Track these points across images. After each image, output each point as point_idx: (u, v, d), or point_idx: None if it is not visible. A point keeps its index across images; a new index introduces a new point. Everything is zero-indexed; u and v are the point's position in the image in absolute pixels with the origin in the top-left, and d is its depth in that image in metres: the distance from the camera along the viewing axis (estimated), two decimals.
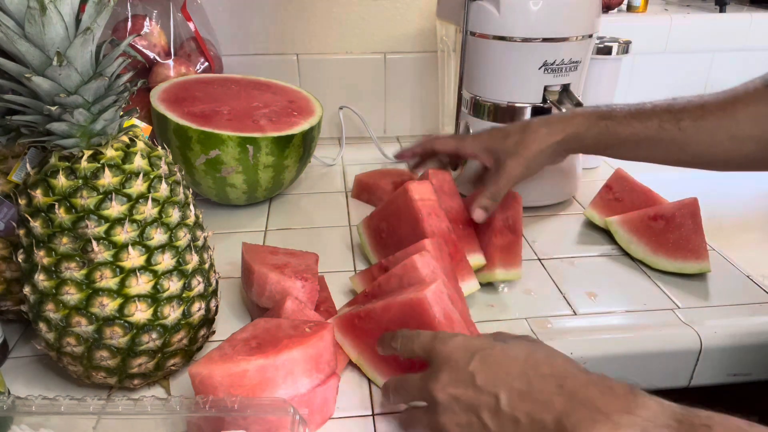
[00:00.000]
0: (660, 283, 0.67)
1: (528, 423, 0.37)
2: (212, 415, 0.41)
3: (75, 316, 0.46)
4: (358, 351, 0.54)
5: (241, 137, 0.75)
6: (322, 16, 1.06)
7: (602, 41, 0.92)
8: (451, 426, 0.40)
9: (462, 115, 0.87)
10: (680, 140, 0.58)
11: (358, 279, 0.65)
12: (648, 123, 0.59)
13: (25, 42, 0.41)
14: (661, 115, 0.59)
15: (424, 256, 0.55)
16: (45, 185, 0.45)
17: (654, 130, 0.59)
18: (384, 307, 0.52)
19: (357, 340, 0.54)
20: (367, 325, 0.53)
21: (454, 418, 0.40)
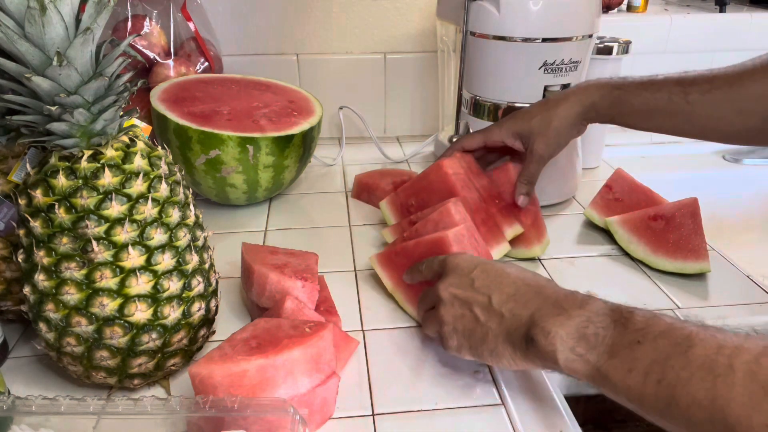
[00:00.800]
0: (660, 283, 0.67)
1: (510, 317, 0.46)
2: (212, 415, 0.41)
3: (75, 316, 0.46)
4: (393, 283, 0.64)
5: (241, 137, 0.75)
6: (322, 16, 1.06)
7: (602, 41, 0.92)
8: (448, 317, 0.50)
9: (462, 115, 0.87)
10: (688, 112, 0.60)
11: (389, 231, 0.74)
12: (657, 94, 0.61)
13: (25, 42, 0.41)
14: (671, 88, 0.61)
15: (457, 204, 0.64)
16: (45, 185, 0.45)
17: (663, 102, 0.61)
18: (415, 244, 0.62)
19: (393, 273, 0.65)
20: (401, 260, 0.64)
21: (452, 310, 0.50)
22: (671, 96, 0.61)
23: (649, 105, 0.62)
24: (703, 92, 0.59)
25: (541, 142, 0.68)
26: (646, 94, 0.62)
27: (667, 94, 0.61)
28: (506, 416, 0.49)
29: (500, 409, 0.50)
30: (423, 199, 0.72)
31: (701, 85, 0.60)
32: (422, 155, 1.07)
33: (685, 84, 0.61)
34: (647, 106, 0.62)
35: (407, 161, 1.04)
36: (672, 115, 0.62)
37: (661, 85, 0.62)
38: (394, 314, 0.63)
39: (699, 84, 0.60)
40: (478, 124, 0.84)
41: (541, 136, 0.68)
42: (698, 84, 0.60)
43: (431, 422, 0.49)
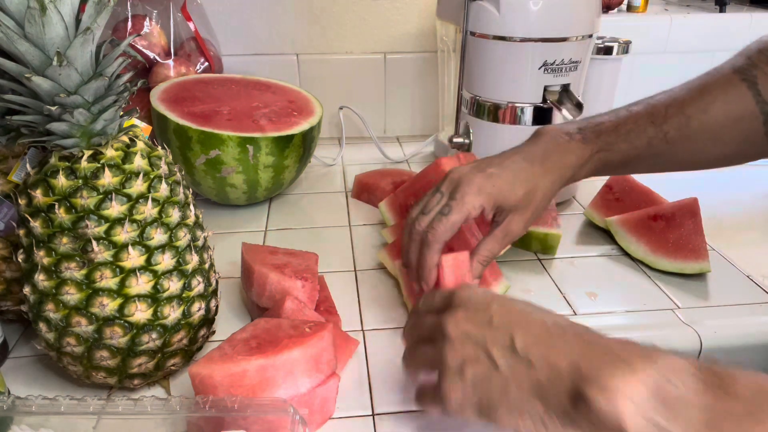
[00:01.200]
0: (660, 283, 0.67)
1: (541, 366, 0.36)
2: (212, 415, 0.41)
3: (75, 316, 0.46)
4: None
5: (241, 137, 0.75)
6: (322, 16, 1.06)
7: (602, 41, 0.92)
8: (453, 360, 0.39)
9: (462, 115, 0.87)
10: (667, 152, 0.58)
11: (389, 231, 0.72)
12: (636, 142, 0.57)
13: (25, 42, 0.41)
14: (647, 129, 0.57)
15: None
16: (45, 185, 0.45)
17: (643, 149, 0.58)
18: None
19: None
20: None
21: (461, 351, 0.39)
22: (650, 140, 0.57)
23: (629, 156, 0.58)
24: (680, 127, 0.57)
25: (520, 221, 0.56)
26: (624, 147, 0.58)
27: (645, 140, 0.57)
28: None
29: None
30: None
31: (676, 118, 0.57)
32: (422, 155, 1.07)
33: (659, 121, 0.57)
34: (627, 157, 0.58)
35: (407, 161, 1.04)
36: (651, 158, 0.59)
37: (636, 128, 0.58)
38: (394, 314, 0.63)
39: (673, 118, 0.57)
40: (478, 124, 0.84)
41: (520, 215, 0.56)
42: (672, 118, 0.57)
43: (431, 422, 0.49)
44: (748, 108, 0.56)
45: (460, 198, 0.53)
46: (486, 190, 0.54)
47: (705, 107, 0.56)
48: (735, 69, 0.57)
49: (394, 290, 0.67)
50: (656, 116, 0.58)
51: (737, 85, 0.56)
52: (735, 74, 0.56)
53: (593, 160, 0.58)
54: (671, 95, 0.59)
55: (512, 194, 0.55)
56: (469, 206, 0.53)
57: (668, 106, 0.58)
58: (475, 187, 0.54)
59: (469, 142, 0.86)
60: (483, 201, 0.54)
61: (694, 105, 0.57)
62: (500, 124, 0.82)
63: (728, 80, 0.56)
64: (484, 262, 0.56)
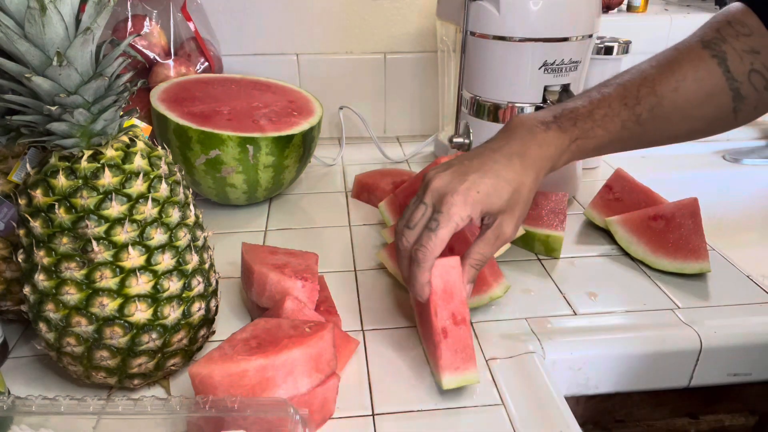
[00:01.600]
0: (660, 283, 0.67)
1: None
2: (212, 415, 0.41)
3: (75, 316, 0.46)
4: None
5: (241, 137, 0.75)
6: (322, 16, 1.06)
7: (602, 41, 0.92)
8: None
9: (462, 115, 0.87)
10: (639, 134, 0.58)
11: (389, 231, 0.72)
12: (610, 126, 0.57)
13: (25, 42, 0.41)
14: (620, 112, 0.57)
15: None
16: (45, 185, 0.45)
17: (617, 132, 0.57)
18: None
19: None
20: None
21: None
22: (624, 123, 0.57)
23: (603, 141, 0.58)
24: (652, 108, 0.57)
25: (510, 222, 0.54)
26: (599, 132, 0.57)
27: (619, 123, 0.57)
28: (506, 416, 0.49)
29: (500, 409, 0.50)
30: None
31: (648, 99, 0.56)
32: (422, 155, 1.07)
33: (632, 103, 0.57)
34: (602, 142, 0.58)
35: (407, 161, 1.04)
36: (625, 141, 0.59)
37: (610, 112, 0.57)
38: (394, 314, 0.63)
39: (645, 99, 0.57)
40: (478, 124, 0.84)
41: (509, 216, 0.54)
42: (644, 99, 0.57)
43: (431, 422, 0.49)
44: (718, 84, 0.56)
45: (446, 211, 0.51)
46: (471, 200, 0.52)
47: (676, 85, 0.56)
48: (704, 43, 0.56)
49: (394, 290, 0.67)
50: (629, 98, 0.57)
51: (707, 61, 0.56)
52: (704, 50, 0.56)
53: (571, 148, 0.58)
54: (641, 74, 0.58)
55: (498, 199, 0.53)
56: (456, 219, 0.51)
57: (640, 86, 0.57)
58: (460, 198, 0.52)
59: (469, 142, 0.86)
60: (470, 211, 0.52)
61: (665, 83, 0.56)
62: (500, 124, 0.82)
63: (698, 56, 0.56)
64: (477, 265, 0.54)
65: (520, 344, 0.57)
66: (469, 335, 0.51)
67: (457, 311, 0.51)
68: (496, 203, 0.53)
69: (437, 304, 0.51)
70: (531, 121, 0.57)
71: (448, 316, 0.51)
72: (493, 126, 0.83)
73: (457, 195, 0.52)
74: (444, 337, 0.51)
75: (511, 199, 0.54)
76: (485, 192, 0.52)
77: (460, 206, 0.51)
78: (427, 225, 0.52)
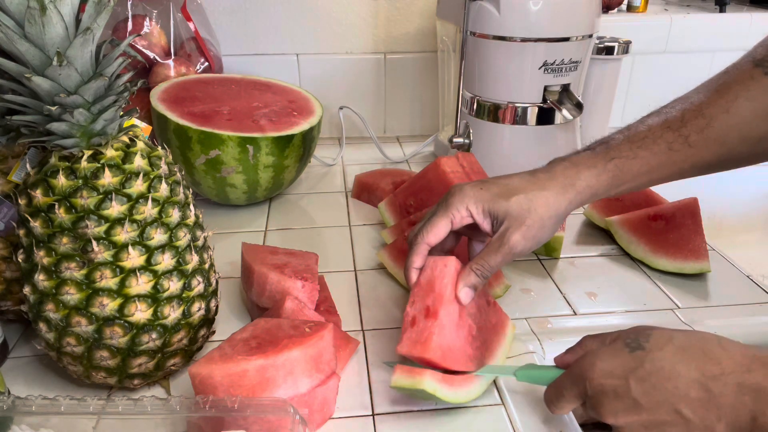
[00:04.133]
0: (660, 283, 0.67)
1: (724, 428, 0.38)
2: (212, 415, 0.41)
3: (75, 316, 0.46)
4: None
5: (241, 137, 0.75)
6: (322, 16, 1.06)
7: (602, 41, 0.92)
8: None
9: (462, 115, 0.87)
10: (692, 156, 0.54)
11: (389, 232, 0.73)
12: (655, 148, 0.53)
13: (25, 42, 0.41)
14: (665, 135, 0.53)
15: None
16: (45, 185, 0.45)
17: (664, 154, 0.53)
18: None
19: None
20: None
21: None
22: (670, 145, 0.53)
23: (651, 164, 0.53)
24: (701, 129, 0.53)
25: (518, 231, 0.52)
26: (642, 153, 0.53)
27: (665, 145, 0.53)
28: (506, 416, 0.49)
29: (500, 409, 0.50)
30: (422, 199, 0.72)
31: (695, 121, 0.53)
32: (422, 155, 1.07)
33: (676, 126, 0.54)
34: (649, 165, 0.53)
35: (407, 161, 1.04)
36: (676, 165, 0.54)
37: (651, 135, 0.54)
38: (394, 314, 0.63)
39: (692, 121, 0.53)
40: (479, 124, 0.84)
41: (519, 224, 0.52)
42: (691, 121, 0.53)
43: (431, 422, 0.49)
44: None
45: (446, 201, 0.54)
46: (474, 196, 0.53)
47: (726, 106, 0.52)
48: (756, 62, 0.53)
49: (394, 290, 0.67)
50: (672, 122, 0.54)
51: (759, 79, 0.52)
52: (756, 68, 0.53)
53: (608, 168, 0.54)
54: (685, 101, 0.55)
55: (503, 199, 0.52)
56: (452, 209, 0.53)
57: (684, 111, 0.54)
58: (462, 192, 0.53)
59: (469, 142, 0.86)
60: (468, 203, 0.52)
61: (714, 105, 0.53)
62: (500, 124, 0.82)
63: (749, 75, 0.53)
64: (478, 270, 0.52)
65: (520, 344, 0.57)
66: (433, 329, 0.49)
67: (432, 306, 0.50)
68: (502, 204, 0.52)
69: (415, 293, 0.52)
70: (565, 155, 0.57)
71: (422, 308, 0.51)
72: (493, 126, 0.83)
73: (463, 190, 0.53)
74: (411, 325, 0.50)
75: (521, 206, 0.52)
76: (492, 192, 0.53)
77: (460, 198, 0.53)
78: (429, 216, 0.55)
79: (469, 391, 0.49)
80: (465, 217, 0.53)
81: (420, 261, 0.53)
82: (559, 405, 0.45)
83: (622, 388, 0.40)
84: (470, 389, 0.49)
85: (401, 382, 0.47)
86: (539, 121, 0.81)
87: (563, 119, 0.81)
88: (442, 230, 0.53)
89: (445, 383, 0.47)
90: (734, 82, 0.53)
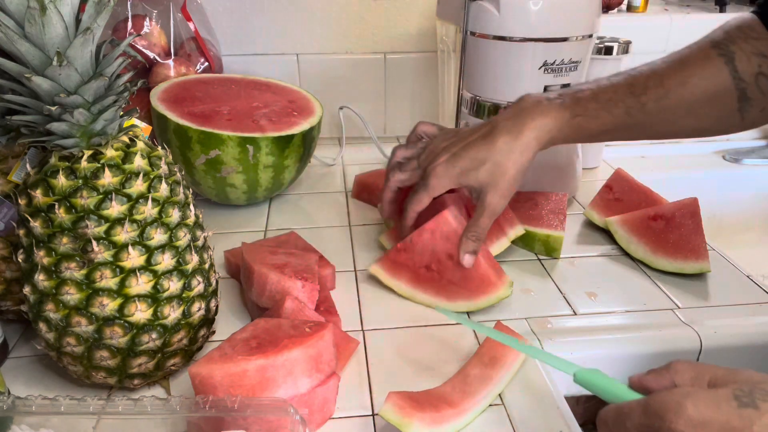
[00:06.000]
0: (660, 283, 0.67)
1: None
2: (212, 415, 0.41)
3: (75, 316, 0.46)
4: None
5: (241, 137, 0.75)
6: (322, 16, 1.06)
7: (602, 41, 0.92)
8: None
9: (462, 115, 0.87)
10: (644, 122, 0.59)
11: (386, 236, 0.73)
12: (615, 110, 0.59)
13: (25, 42, 0.41)
14: (626, 99, 0.58)
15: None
16: (45, 185, 0.45)
17: (621, 117, 0.59)
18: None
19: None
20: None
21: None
22: (628, 110, 0.58)
23: (606, 125, 0.59)
24: (658, 99, 0.57)
25: (495, 194, 0.60)
26: (603, 114, 0.59)
27: (623, 108, 0.58)
28: (506, 416, 0.49)
29: (500, 409, 0.50)
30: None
31: (655, 90, 0.58)
32: None
33: (638, 92, 0.58)
34: (605, 126, 0.59)
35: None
36: (629, 128, 0.60)
37: (615, 97, 0.59)
38: (394, 314, 0.63)
39: (652, 89, 0.58)
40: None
41: (494, 189, 0.60)
42: (651, 89, 0.58)
43: None
44: (724, 83, 0.56)
45: (428, 182, 0.62)
46: (449, 174, 0.61)
47: (683, 80, 0.57)
48: (713, 43, 0.58)
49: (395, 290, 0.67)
50: (636, 87, 0.59)
51: (715, 59, 0.57)
52: (713, 49, 0.57)
53: (571, 124, 0.60)
54: (652, 68, 0.60)
55: (474, 173, 0.60)
56: (435, 189, 0.62)
57: (648, 78, 0.59)
58: (440, 170, 0.61)
59: None
60: (446, 183, 0.62)
61: (674, 77, 0.58)
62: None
63: (706, 55, 0.57)
64: (473, 237, 0.60)
65: None
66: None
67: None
68: (474, 177, 0.60)
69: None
70: (537, 95, 0.62)
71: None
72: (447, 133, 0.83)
73: (438, 167, 0.62)
74: None
75: (491, 173, 0.60)
76: (462, 167, 0.61)
77: (438, 179, 0.62)
78: (415, 189, 0.64)
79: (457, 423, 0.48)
80: (445, 191, 0.63)
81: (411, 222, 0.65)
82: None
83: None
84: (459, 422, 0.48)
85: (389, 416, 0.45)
86: None
87: None
88: (426, 203, 0.64)
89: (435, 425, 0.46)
90: (693, 58, 0.58)
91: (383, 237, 0.74)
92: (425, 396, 0.49)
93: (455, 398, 0.49)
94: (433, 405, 0.48)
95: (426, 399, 0.48)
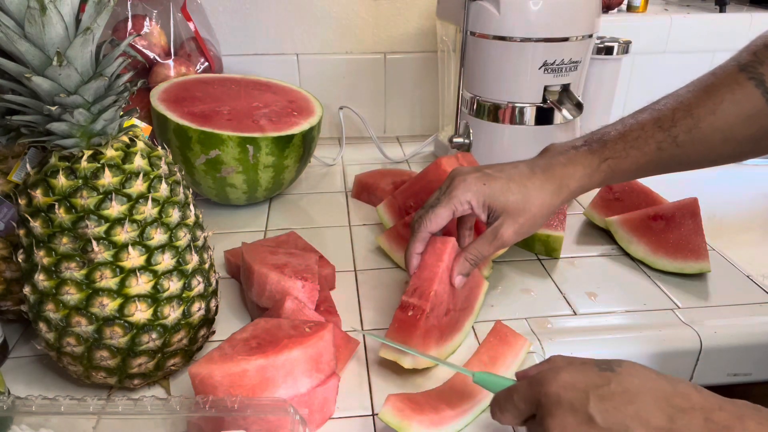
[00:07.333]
0: (660, 283, 0.67)
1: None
2: (212, 415, 0.41)
3: (75, 316, 0.46)
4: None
5: (241, 137, 0.75)
6: (322, 16, 1.06)
7: (602, 41, 0.92)
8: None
9: (462, 115, 0.87)
10: (679, 155, 0.57)
11: (384, 238, 0.72)
12: (645, 149, 0.57)
13: (25, 42, 0.41)
14: (655, 134, 0.57)
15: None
16: (45, 185, 0.45)
17: (653, 154, 0.57)
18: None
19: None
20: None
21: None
22: (659, 144, 0.56)
23: (639, 163, 0.57)
24: (689, 130, 0.56)
25: (511, 227, 0.56)
26: (633, 152, 0.57)
27: (654, 144, 0.56)
28: None
29: None
30: (422, 200, 0.72)
31: (684, 121, 0.56)
32: (422, 155, 1.07)
33: (666, 126, 0.56)
34: (638, 164, 0.57)
35: (407, 161, 1.04)
36: (664, 162, 0.58)
37: (644, 134, 0.57)
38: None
39: (681, 121, 0.56)
40: (478, 124, 0.84)
41: (513, 221, 0.56)
42: (680, 121, 0.56)
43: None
44: (756, 106, 0.55)
45: (449, 192, 0.57)
46: (475, 188, 0.56)
47: (713, 108, 0.55)
48: (741, 67, 0.56)
49: (395, 290, 0.67)
50: (663, 121, 0.57)
51: (744, 83, 0.55)
52: (741, 72, 0.56)
53: (602, 168, 0.58)
54: (677, 98, 0.58)
55: (503, 196, 0.56)
56: (455, 201, 0.56)
57: (675, 110, 0.57)
58: (465, 184, 0.57)
59: (469, 142, 0.86)
60: (470, 197, 0.56)
61: (702, 107, 0.56)
62: (500, 124, 0.82)
63: (734, 79, 0.56)
64: (471, 259, 0.57)
65: None
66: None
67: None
68: (501, 201, 0.56)
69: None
70: (561, 145, 0.60)
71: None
72: (493, 126, 0.83)
73: (464, 182, 0.57)
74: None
75: (518, 204, 0.56)
76: (492, 186, 0.56)
77: (462, 191, 0.56)
78: (431, 204, 0.58)
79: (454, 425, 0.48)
80: (466, 209, 0.57)
81: (421, 247, 0.58)
82: (505, 408, 0.41)
83: (580, 402, 0.36)
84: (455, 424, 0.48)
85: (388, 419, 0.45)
86: (539, 121, 0.81)
87: (563, 119, 0.81)
88: (444, 220, 0.57)
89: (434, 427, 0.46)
90: (721, 85, 0.56)
91: (381, 238, 0.74)
92: (425, 397, 0.49)
93: (455, 400, 0.49)
94: (433, 406, 0.48)
95: (425, 400, 0.49)
